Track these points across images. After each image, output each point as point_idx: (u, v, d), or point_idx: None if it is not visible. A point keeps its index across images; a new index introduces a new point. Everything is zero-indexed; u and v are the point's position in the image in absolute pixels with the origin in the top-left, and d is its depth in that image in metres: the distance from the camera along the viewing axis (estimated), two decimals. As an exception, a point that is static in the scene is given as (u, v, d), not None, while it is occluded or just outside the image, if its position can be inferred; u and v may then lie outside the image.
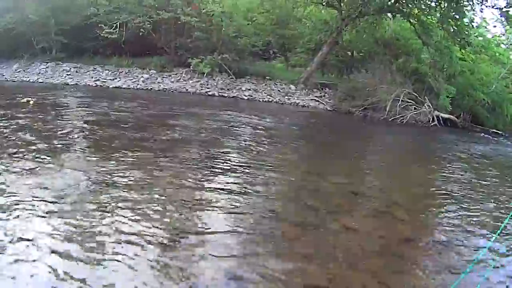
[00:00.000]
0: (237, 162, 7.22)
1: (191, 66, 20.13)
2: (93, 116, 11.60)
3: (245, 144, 8.97)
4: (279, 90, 18.78)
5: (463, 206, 6.09)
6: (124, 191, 5.18)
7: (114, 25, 22.35)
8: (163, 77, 20.49)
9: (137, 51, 23.06)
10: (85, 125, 9.92)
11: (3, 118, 10.59)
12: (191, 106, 14.70)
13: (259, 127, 11.26)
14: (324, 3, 20.53)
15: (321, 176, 7.09)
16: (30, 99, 13.76)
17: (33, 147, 7.23)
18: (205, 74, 19.62)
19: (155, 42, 22.52)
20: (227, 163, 7.12)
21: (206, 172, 6.43)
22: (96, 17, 23.10)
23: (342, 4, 19.18)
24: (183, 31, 21.88)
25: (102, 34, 22.01)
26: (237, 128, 10.85)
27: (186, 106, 14.70)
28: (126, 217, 4.44)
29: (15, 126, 9.40)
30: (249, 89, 18.71)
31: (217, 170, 6.59)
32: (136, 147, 7.68)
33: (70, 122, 10.34)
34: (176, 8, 21.22)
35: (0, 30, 24.55)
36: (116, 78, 21.16)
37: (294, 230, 4.62)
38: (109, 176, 5.67)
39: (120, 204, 4.79)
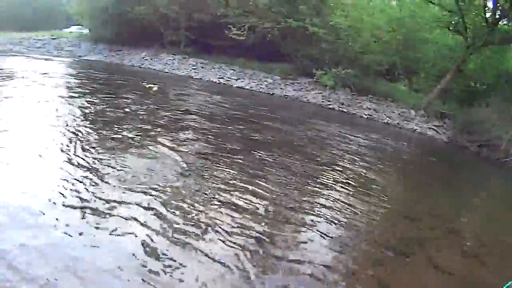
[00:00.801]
0: (341, 180, 7.82)
1: (314, 77, 22.00)
2: (212, 111, 13.42)
3: (357, 164, 9.47)
4: (399, 114, 19.52)
5: None
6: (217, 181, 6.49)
7: (243, 27, 25.23)
8: (286, 84, 22.55)
9: (263, 56, 25.47)
10: (202, 119, 11.62)
11: (126, 98, 13.24)
12: (313, 118, 16.08)
13: (375, 148, 12.03)
14: (450, 28, 20.95)
15: (420, 206, 7.55)
16: (153, 85, 16.59)
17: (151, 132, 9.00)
18: (327, 87, 21.25)
19: (282, 49, 24.76)
20: (330, 180, 7.76)
21: (309, 185, 7.16)
22: (226, 18, 26.41)
23: (468, 31, 19.53)
24: (310, 41, 23.69)
25: (230, 35, 24.91)
26: (353, 147, 11.44)
27: (309, 117, 16.19)
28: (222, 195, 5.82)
29: (131, 106, 11.87)
30: (370, 108, 19.77)
31: (318, 186, 7.25)
32: (248, 148, 8.96)
33: (188, 114, 12.26)
34: (305, 18, 23.60)
35: (133, 19, 28.83)
36: (240, 79, 23.74)
37: (381, 256, 5.20)
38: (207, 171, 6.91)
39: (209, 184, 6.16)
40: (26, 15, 47.89)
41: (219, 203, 5.66)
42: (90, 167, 6.25)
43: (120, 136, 8.38)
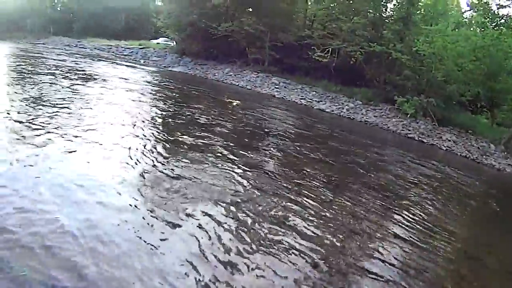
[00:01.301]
0: (408, 214, 8.09)
1: (396, 104, 23.12)
2: (292, 132, 14.60)
3: (428, 198, 9.64)
4: (478, 147, 19.65)
5: None
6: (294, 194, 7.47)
7: (327, 49, 27.34)
8: (368, 110, 23.76)
9: (345, 79, 27.10)
10: (278, 138, 12.73)
11: (207, 110, 15.20)
12: (391, 146, 17.11)
13: (449, 183, 12.16)
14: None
15: (488, 248, 7.56)
16: (235, 101, 18.88)
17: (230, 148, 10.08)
18: (408, 115, 22.20)
19: (365, 73, 26.41)
20: (397, 211, 8.13)
21: (375, 216, 7.50)
22: (311, 40, 28.67)
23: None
24: (393, 67, 25.16)
25: (314, 57, 27.11)
26: (426, 179, 11.63)
27: (386, 145, 17.25)
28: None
29: (209, 118, 13.69)
30: (449, 140, 20.10)
31: (383, 218, 7.57)
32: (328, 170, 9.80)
33: (268, 133, 13.46)
34: (388, 43, 25.24)
35: (219, 35, 31.82)
36: (321, 101, 25.37)
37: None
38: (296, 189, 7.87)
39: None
40: (117, 24, 52.96)
41: (284, 226, 6.21)
42: (158, 176, 7.29)
43: (195, 144, 9.82)
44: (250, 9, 33.31)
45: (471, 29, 28.32)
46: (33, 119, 9.64)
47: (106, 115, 11.58)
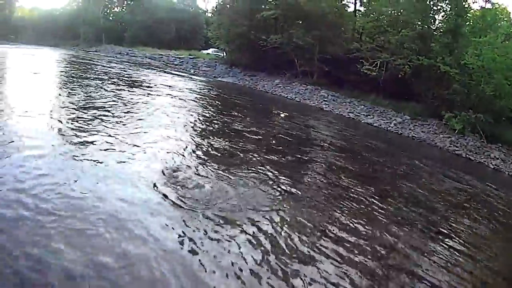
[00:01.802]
0: (453, 235, 8.19)
1: (443, 119, 23.44)
2: (336, 144, 15.09)
3: (471, 221, 9.59)
4: None
5: None
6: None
7: (375, 63, 28.11)
8: (415, 125, 24.21)
9: (394, 93, 27.74)
10: (324, 150, 13.41)
11: (251, 121, 16.29)
12: (437, 163, 17.16)
13: (493, 204, 11.99)
14: None
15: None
16: (283, 112, 20.15)
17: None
18: (456, 131, 22.33)
19: (413, 87, 26.94)
20: (443, 231, 8.28)
21: (420, 235, 7.73)
22: (359, 52, 29.38)
23: None
24: (441, 81, 25.50)
25: (362, 70, 27.89)
26: (470, 201, 11.72)
27: (434, 162, 17.28)
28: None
29: (257, 127, 14.89)
30: (497, 158, 19.93)
31: (429, 238, 7.74)
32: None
33: (311, 143, 14.33)
34: (437, 56, 25.44)
35: (268, 46, 33.17)
36: (369, 115, 26.10)
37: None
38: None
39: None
40: (168, 34, 55.48)
41: (325, 238, 6.60)
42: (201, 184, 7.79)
43: (238, 153, 10.58)
44: (299, 21, 34.13)
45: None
46: (79, 120, 11.08)
47: (152, 120, 12.89)
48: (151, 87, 21.82)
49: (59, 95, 15.37)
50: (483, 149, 21.19)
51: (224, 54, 44.13)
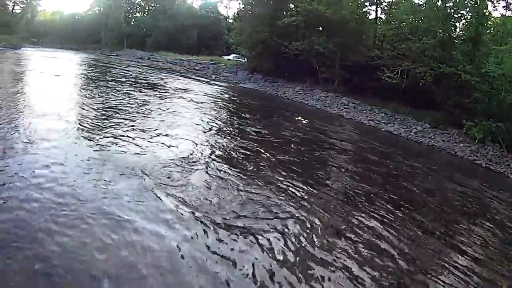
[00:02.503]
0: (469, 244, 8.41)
1: (464, 128, 23.54)
2: (356, 152, 15.61)
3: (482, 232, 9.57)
4: None
5: None
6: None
7: (396, 70, 28.33)
8: (436, 134, 24.42)
9: (414, 101, 27.96)
10: (344, 158, 13.85)
11: (276, 126, 17.10)
12: (456, 173, 17.51)
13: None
14: None
15: None
16: (303, 119, 20.75)
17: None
18: (476, 141, 22.45)
19: (434, 95, 27.12)
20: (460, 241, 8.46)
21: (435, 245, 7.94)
22: (380, 60, 29.75)
23: None
24: (462, 89, 25.66)
25: (383, 77, 28.17)
26: (486, 212, 11.65)
27: (452, 171, 17.67)
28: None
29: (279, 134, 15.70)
30: None
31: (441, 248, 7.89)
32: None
33: (329, 153, 14.33)
34: (458, 64, 25.56)
35: (290, 53, 33.75)
36: (390, 123, 26.41)
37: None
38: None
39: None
40: (190, 40, 56.50)
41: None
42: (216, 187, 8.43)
43: (254, 157, 11.19)
44: (320, 28, 34.69)
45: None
46: (98, 120, 12.11)
47: (168, 122, 13.83)
48: (169, 90, 22.77)
49: (78, 96, 16.56)
50: (504, 158, 21.26)
51: (245, 60, 44.75)
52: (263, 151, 12.22)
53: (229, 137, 13.91)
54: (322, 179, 10.77)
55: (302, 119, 20.77)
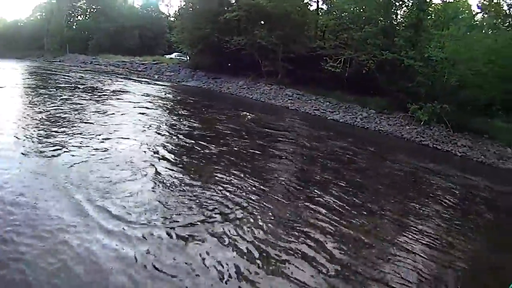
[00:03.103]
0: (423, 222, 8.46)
1: (409, 112, 23.38)
2: (303, 142, 15.38)
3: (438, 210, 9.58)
4: (494, 152, 19.27)
5: None
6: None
7: (339, 59, 27.70)
8: (381, 119, 24.13)
9: (359, 89, 27.49)
10: (291, 146, 13.75)
11: (220, 122, 16.32)
12: (400, 153, 17.17)
13: (461, 191, 11.95)
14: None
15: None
16: (248, 114, 19.82)
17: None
18: (422, 122, 22.39)
19: (378, 82, 26.66)
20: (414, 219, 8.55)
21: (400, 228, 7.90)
22: (323, 50, 29.06)
23: None
24: (405, 74, 25.27)
25: (326, 67, 27.48)
26: (438, 190, 11.61)
27: (400, 153, 17.23)
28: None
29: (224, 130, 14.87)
30: (464, 146, 20.08)
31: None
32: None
33: (274, 145, 13.99)
34: (400, 50, 25.41)
35: (232, 48, 32.54)
36: (335, 111, 25.89)
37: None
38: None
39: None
40: (132, 41, 54.64)
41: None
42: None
43: (200, 159, 10.62)
44: (262, 22, 33.69)
45: (483, 31, 28.37)
46: (37, 131, 10.92)
47: (115, 128, 12.57)
48: (110, 94, 21.36)
49: (18, 106, 15.31)
50: (450, 138, 21.30)
51: (188, 58, 43.37)
52: (206, 148, 11.81)
53: (168, 137, 12.95)
54: (267, 172, 10.29)
55: (248, 114, 19.88)
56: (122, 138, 11.56)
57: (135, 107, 17.70)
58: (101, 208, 6.66)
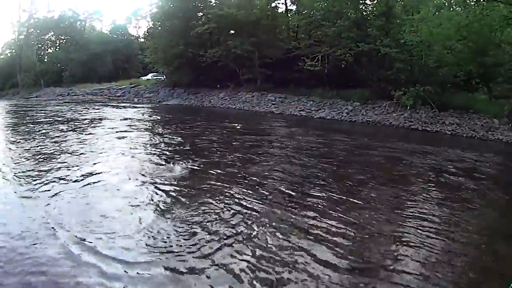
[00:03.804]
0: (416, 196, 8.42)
1: (394, 99, 23.24)
2: (293, 144, 15.00)
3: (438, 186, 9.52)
4: (482, 125, 19.25)
5: None
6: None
7: (316, 57, 27.50)
8: (367, 110, 24.08)
9: (340, 83, 27.49)
10: (282, 151, 13.32)
11: (212, 135, 16.13)
12: (391, 139, 16.80)
13: (457, 167, 11.65)
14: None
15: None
16: (236, 124, 19.56)
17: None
18: (408, 107, 22.30)
19: (357, 74, 26.69)
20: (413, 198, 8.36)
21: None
22: (298, 50, 28.87)
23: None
24: (383, 62, 25.38)
25: (305, 67, 27.23)
26: (434, 168, 11.43)
27: (390, 140, 16.86)
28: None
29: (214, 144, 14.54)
30: (452, 124, 20.19)
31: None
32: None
33: (264, 151, 13.54)
34: (375, 40, 25.26)
35: (207, 61, 32.32)
36: (320, 109, 25.83)
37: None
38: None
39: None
40: (106, 67, 54.03)
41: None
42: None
43: (197, 170, 10.31)
44: (233, 31, 33.55)
45: (452, 9, 28.34)
46: (16, 169, 10.25)
47: (102, 160, 11.65)
48: (89, 123, 20.63)
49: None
50: (437, 118, 21.30)
51: (165, 77, 43.08)
52: (191, 163, 11.21)
53: (155, 156, 12.36)
54: (259, 178, 9.74)
55: (235, 124, 19.77)
56: (105, 165, 10.87)
57: (117, 132, 17.08)
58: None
